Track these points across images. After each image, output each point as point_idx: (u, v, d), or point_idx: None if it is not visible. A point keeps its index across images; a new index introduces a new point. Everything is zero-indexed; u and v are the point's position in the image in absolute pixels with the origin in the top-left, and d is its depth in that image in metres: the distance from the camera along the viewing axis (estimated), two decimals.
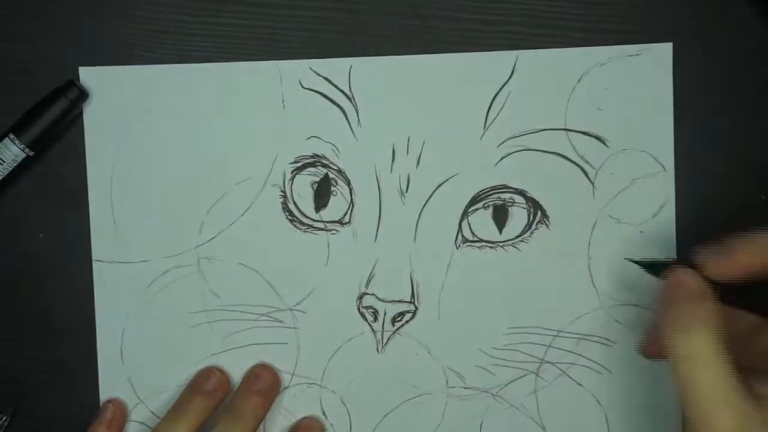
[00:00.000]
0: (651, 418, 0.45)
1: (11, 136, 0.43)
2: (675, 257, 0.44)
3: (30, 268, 0.45)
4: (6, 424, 0.45)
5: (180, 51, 0.44)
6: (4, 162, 0.43)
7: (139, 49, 0.44)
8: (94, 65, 0.44)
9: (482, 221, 0.44)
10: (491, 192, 0.44)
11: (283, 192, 0.44)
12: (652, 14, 0.44)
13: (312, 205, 0.45)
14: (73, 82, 0.43)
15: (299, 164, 0.44)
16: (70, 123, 0.44)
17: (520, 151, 0.44)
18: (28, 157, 0.43)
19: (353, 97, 0.44)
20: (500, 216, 0.44)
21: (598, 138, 0.44)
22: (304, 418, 0.45)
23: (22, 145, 0.43)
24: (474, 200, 0.44)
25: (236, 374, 0.45)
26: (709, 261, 0.36)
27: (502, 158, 0.44)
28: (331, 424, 0.45)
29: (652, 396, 0.45)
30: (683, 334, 0.34)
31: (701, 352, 0.33)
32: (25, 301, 0.45)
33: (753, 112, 0.44)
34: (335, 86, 0.44)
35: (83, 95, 0.43)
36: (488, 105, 0.44)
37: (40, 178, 0.45)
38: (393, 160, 0.44)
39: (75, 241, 0.45)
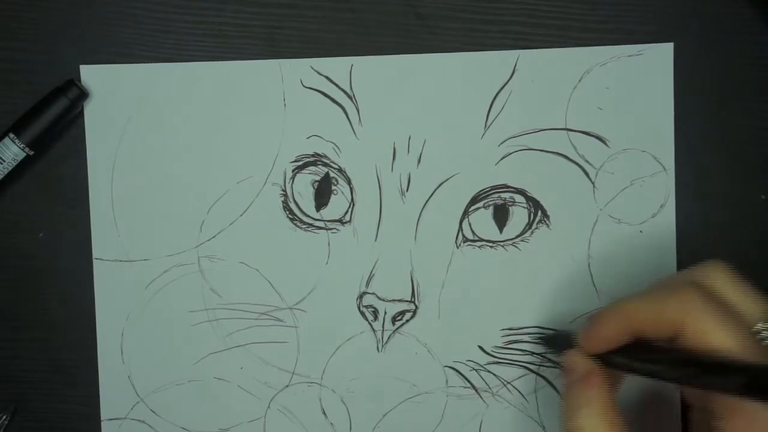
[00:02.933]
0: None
1: (11, 135, 0.43)
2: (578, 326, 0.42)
3: (30, 267, 0.45)
4: (6, 423, 0.45)
5: (180, 51, 0.44)
6: (4, 161, 0.43)
7: (139, 48, 0.44)
8: (94, 64, 0.44)
9: (483, 221, 0.44)
10: (492, 191, 0.44)
11: (284, 191, 0.45)
12: (653, 14, 0.44)
13: (313, 204, 0.45)
14: (73, 82, 0.43)
15: (300, 163, 0.44)
16: (70, 122, 0.44)
17: (520, 150, 0.44)
18: (28, 157, 0.43)
19: (354, 96, 0.44)
20: (501, 215, 0.44)
21: (598, 138, 0.44)
22: None
23: (22, 145, 0.43)
24: (474, 199, 0.44)
25: (236, 373, 0.45)
26: (581, 340, 0.37)
27: (502, 158, 0.44)
28: (331, 423, 0.45)
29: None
30: (570, 416, 0.35)
31: (585, 430, 0.35)
32: (25, 301, 0.45)
33: (753, 112, 0.44)
34: (336, 85, 0.44)
35: (83, 95, 0.43)
36: (489, 104, 0.44)
37: (40, 177, 0.45)
38: (394, 159, 0.44)
39: (75, 240, 0.45)
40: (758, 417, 0.32)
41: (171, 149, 0.45)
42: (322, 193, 0.45)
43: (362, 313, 0.44)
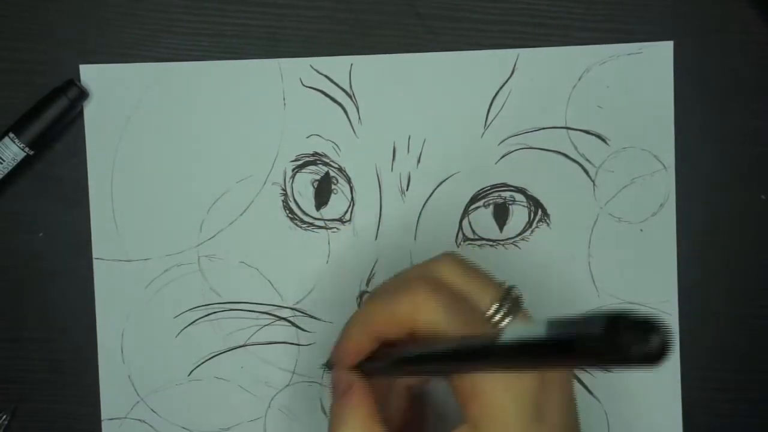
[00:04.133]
0: (651, 417, 0.45)
1: (11, 135, 0.43)
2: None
3: (30, 267, 0.45)
4: (6, 423, 0.45)
5: (180, 51, 0.44)
6: (4, 161, 0.43)
7: (139, 48, 0.44)
8: (94, 64, 0.44)
9: (483, 219, 0.44)
10: (492, 190, 0.44)
11: (284, 190, 0.45)
12: (653, 13, 0.44)
13: (313, 203, 0.45)
14: (73, 82, 0.43)
15: (300, 162, 0.44)
16: (70, 122, 0.44)
17: (520, 149, 0.44)
18: (28, 156, 0.43)
19: (354, 95, 0.44)
20: (501, 214, 0.44)
21: (598, 136, 0.44)
22: None
23: (22, 144, 0.43)
24: (474, 198, 0.44)
25: (236, 373, 0.45)
26: (334, 357, 0.37)
27: (502, 156, 0.44)
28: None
29: (653, 395, 0.44)
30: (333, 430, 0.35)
31: None
32: (25, 301, 0.45)
33: (753, 111, 0.44)
34: (336, 84, 0.44)
35: (83, 94, 0.43)
36: (489, 103, 0.44)
37: (40, 177, 0.45)
38: (393, 159, 0.44)
39: (75, 240, 0.45)
40: (491, 401, 0.32)
41: (171, 149, 0.45)
42: (322, 192, 0.45)
43: None
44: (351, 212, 0.45)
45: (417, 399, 0.40)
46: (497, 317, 0.34)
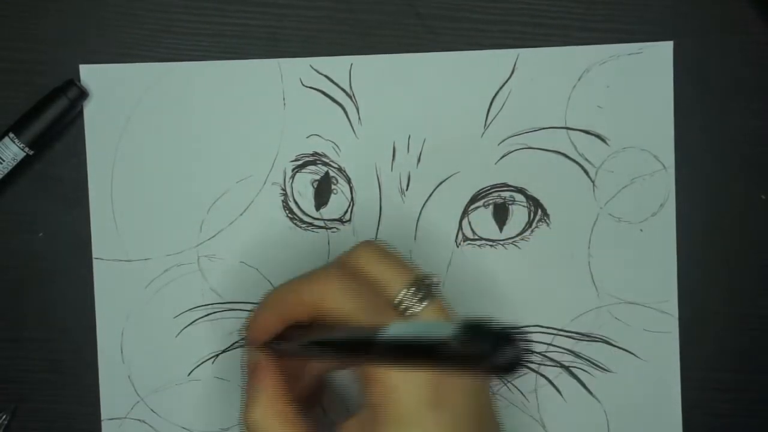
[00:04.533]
0: (651, 417, 0.45)
1: (11, 135, 0.43)
2: None
3: (30, 267, 0.45)
4: (6, 423, 0.45)
5: (180, 51, 0.44)
6: (3, 161, 0.43)
7: (139, 48, 0.44)
8: (94, 64, 0.44)
9: (483, 219, 0.44)
10: (491, 190, 0.44)
11: (284, 190, 0.45)
12: (653, 13, 0.44)
13: (312, 203, 0.45)
14: (73, 82, 0.43)
15: (300, 162, 0.44)
16: (70, 122, 0.44)
17: (520, 149, 0.44)
18: (28, 156, 0.43)
19: (354, 95, 0.44)
20: (501, 214, 0.44)
21: (598, 136, 0.44)
22: None
23: (22, 144, 0.43)
24: (474, 198, 0.44)
25: (236, 372, 0.45)
26: (245, 334, 0.39)
27: (502, 156, 0.44)
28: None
29: (653, 394, 0.44)
30: (243, 410, 0.37)
31: (261, 427, 0.36)
32: (25, 301, 0.45)
33: (753, 111, 0.44)
34: (336, 84, 0.44)
35: (83, 94, 0.43)
36: (489, 103, 0.44)
37: (40, 177, 0.45)
38: (393, 159, 0.44)
39: (75, 240, 0.45)
40: (388, 385, 0.32)
41: (170, 149, 0.45)
42: (322, 192, 0.45)
43: None
44: (351, 212, 0.45)
45: (328, 381, 0.42)
46: (404, 305, 0.34)
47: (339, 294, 0.34)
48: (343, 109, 0.44)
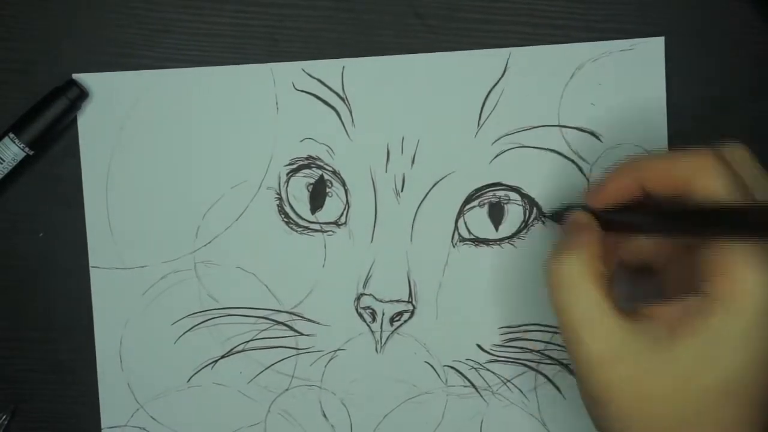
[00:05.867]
0: None
1: (11, 135, 0.43)
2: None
3: (30, 267, 0.45)
4: (6, 423, 0.45)
5: (180, 51, 0.44)
6: (3, 161, 0.43)
7: (139, 49, 0.44)
8: (94, 64, 0.44)
9: (478, 219, 0.44)
10: (486, 190, 0.44)
11: (279, 194, 0.44)
12: (644, 9, 0.44)
13: (308, 206, 0.45)
14: (73, 82, 0.43)
15: (294, 166, 0.44)
16: (70, 123, 0.44)
17: (514, 148, 0.44)
18: (27, 157, 0.43)
19: (346, 97, 0.44)
20: (496, 213, 0.44)
21: (591, 133, 0.44)
22: None
23: (22, 144, 0.43)
24: (469, 198, 0.44)
25: (235, 378, 0.45)
26: (588, 194, 0.38)
27: (496, 156, 0.44)
28: (332, 426, 0.45)
29: None
30: (555, 262, 0.35)
31: (569, 278, 0.34)
32: (25, 301, 0.45)
33: (745, 106, 0.44)
34: (328, 87, 0.44)
35: (83, 95, 0.43)
36: (482, 103, 0.44)
37: (39, 177, 0.45)
38: (387, 160, 0.44)
39: (75, 240, 0.45)
40: (743, 278, 0.31)
41: (164, 156, 0.45)
42: (317, 195, 0.45)
43: (360, 315, 0.44)
44: (346, 215, 0.45)
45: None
46: None
47: (714, 175, 0.33)
48: (336, 112, 0.44)
